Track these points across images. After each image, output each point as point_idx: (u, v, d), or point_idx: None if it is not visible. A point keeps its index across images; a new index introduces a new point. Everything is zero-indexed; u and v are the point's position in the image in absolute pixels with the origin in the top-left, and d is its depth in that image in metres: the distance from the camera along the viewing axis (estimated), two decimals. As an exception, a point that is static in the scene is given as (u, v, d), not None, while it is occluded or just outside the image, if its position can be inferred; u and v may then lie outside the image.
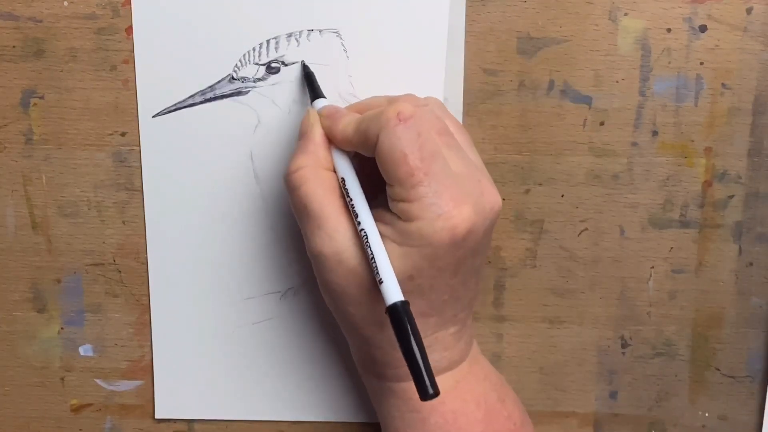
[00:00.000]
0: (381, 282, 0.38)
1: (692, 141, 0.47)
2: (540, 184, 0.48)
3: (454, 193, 0.39)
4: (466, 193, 0.39)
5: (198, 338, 0.50)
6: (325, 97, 0.44)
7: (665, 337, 0.49)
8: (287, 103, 0.47)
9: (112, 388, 0.51)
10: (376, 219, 0.40)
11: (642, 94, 0.46)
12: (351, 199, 0.40)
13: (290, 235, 0.48)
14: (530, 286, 0.49)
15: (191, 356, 0.50)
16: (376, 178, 0.40)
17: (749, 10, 0.45)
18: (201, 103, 0.47)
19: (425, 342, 0.38)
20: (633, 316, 0.49)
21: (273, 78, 0.46)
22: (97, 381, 0.51)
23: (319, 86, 0.45)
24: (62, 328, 0.50)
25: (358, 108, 0.43)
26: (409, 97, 0.43)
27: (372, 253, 0.39)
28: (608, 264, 0.49)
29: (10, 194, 0.49)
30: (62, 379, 0.51)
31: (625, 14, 0.46)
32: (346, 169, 0.41)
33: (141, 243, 0.49)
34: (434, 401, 0.38)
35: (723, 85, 0.46)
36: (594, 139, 0.47)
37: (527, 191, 0.48)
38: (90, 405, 0.51)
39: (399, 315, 0.37)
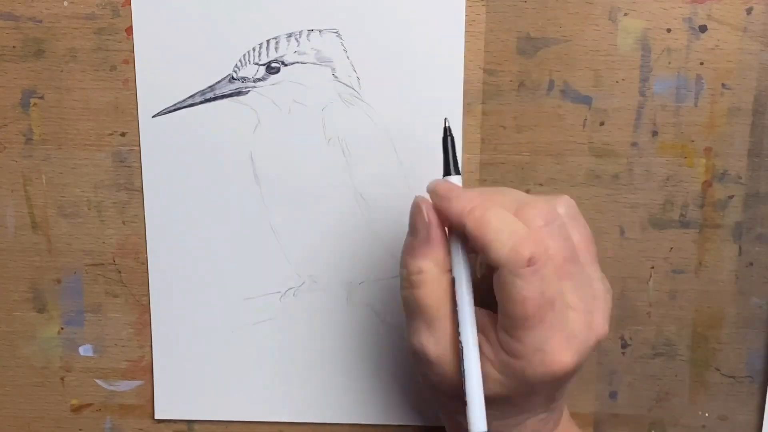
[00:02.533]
0: (466, 404, 0.39)
1: (692, 141, 0.47)
2: (540, 184, 0.48)
3: (562, 340, 0.38)
4: (574, 335, 0.39)
5: (198, 338, 0.50)
6: (460, 174, 0.41)
7: (665, 337, 0.49)
8: (287, 103, 0.47)
9: (112, 388, 0.51)
10: (482, 330, 0.40)
11: (642, 94, 0.46)
12: (461, 315, 0.40)
13: (290, 235, 0.48)
14: (530, 286, 0.49)
15: (191, 356, 0.50)
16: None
17: (749, 10, 0.45)
18: (201, 103, 0.47)
19: (514, 421, 0.41)
20: (633, 316, 0.49)
21: (273, 78, 0.46)
22: (97, 381, 0.51)
23: (456, 162, 0.41)
24: (62, 328, 0.50)
25: (482, 197, 0.40)
26: (535, 214, 0.39)
27: (464, 372, 0.39)
28: (608, 264, 0.48)
29: (10, 194, 0.49)
30: (62, 379, 0.51)
31: (625, 14, 0.45)
32: (461, 276, 0.40)
33: (141, 243, 0.49)
34: None
35: (723, 85, 0.46)
36: (594, 139, 0.47)
37: (527, 191, 0.48)
38: (90, 405, 0.51)
39: None
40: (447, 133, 0.41)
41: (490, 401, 0.39)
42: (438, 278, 0.40)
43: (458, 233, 0.40)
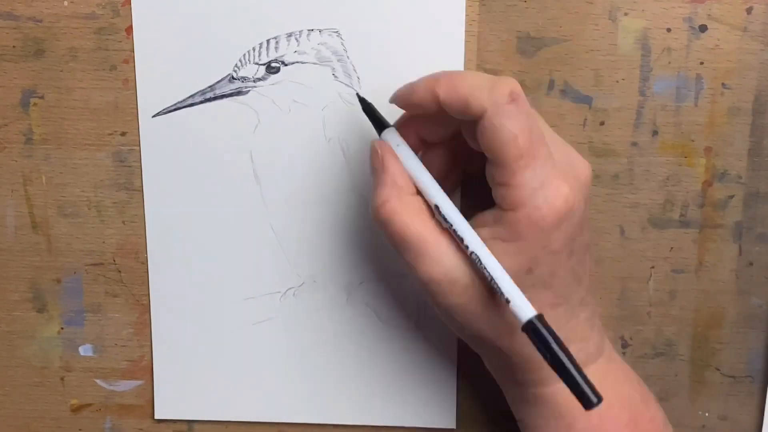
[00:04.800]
0: (509, 301, 0.37)
1: (692, 141, 0.47)
2: (540, 184, 0.48)
3: (553, 174, 0.38)
4: (562, 171, 0.38)
5: (198, 338, 0.50)
6: (391, 126, 0.43)
7: (665, 337, 0.49)
8: (287, 103, 0.47)
9: (112, 388, 0.51)
10: (476, 225, 0.39)
11: (642, 94, 0.46)
12: (451, 225, 0.39)
13: (290, 235, 0.48)
14: (530, 286, 0.49)
15: (191, 356, 0.50)
16: (454, 173, 0.40)
17: (749, 10, 0.45)
18: (201, 103, 0.47)
19: (561, 335, 0.37)
20: (633, 316, 0.49)
21: (273, 78, 0.46)
22: (97, 381, 0.51)
23: (382, 116, 0.43)
24: (62, 328, 0.50)
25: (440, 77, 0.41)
26: (508, 78, 0.40)
27: (489, 274, 0.38)
28: (608, 264, 0.49)
29: (10, 194, 0.49)
30: (62, 379, 0.51)
31: (625, 14, 0.46)
32: (437, 193, 0.40)
33: (141, 243, 0.49)
34: (576, 403, 0.37)
35: (723, 85, 0.46)
36: (594, 139, 0.47)
37: (527, 191, 0.48)
38: (90, 405, 0.51)
39: (535, 329, 0.36)
40: (364, 103, 0.43)
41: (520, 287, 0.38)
42: (405, 202, 0.40)
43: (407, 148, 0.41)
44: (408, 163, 0.41)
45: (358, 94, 0.44)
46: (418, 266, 0.39)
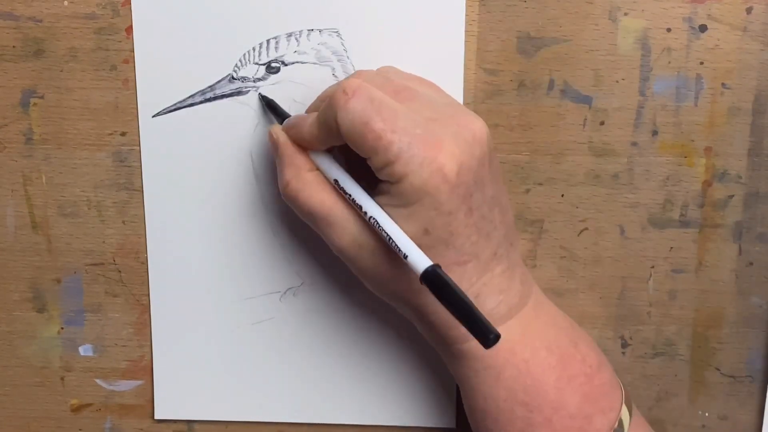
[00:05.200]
0: (406, 257, 0.39)
1: (692, 141, 0.47)
2: (540, 184, 0.48)
3: (429, 138, 0.39)
4: (440, 133, 0.39)
5: (198, 338, 0.50)
6: (290, 115, 0.45)
7: (665, 337, 0.49)
8: (287, 103, 0.47)
9: (112, 388, 0.51)
10: (374, 194, 0.41)
11: (642, 94, 0.46)
12: (350, 195, 0.41)
13: (290, 235, 0.48)
14: (530, 286, 0.49)
15: (191, 356, 0.50)
16: (364, 170, 0.41)
17: (749, 10, 0.45)
18: (201, 103, 0.47)
19: (473, 291, 0.40)
20: (633, 316, 0.49)
21: (273, 78, 0.46)
22: (97, 381, 0.51)
23: (282, 109, 0.46)
24: (62, 328, 0.50)
25: (315, 106, 0.44)
26: (357, 72, 0.44)
27: (387, 234, 0.39)
28: (608, 264, 0.49)
29: (10, 194, 0.49)
30: (62, 379, 0.51)
31: (625, 14, 0.46)
32: (333, 169, 0.42)
33: (141, 243, 0.49)
34: (505, 353, 0.39)
35: (723, 85, 0.46)
36: (594, 139, 0.47)
37: (527, 191, 0.48)
38: (90, 405, 0.51)
39: (432, 279, 0.38)
40: (264, 99, 0.46)
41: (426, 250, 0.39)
42: (304, 179, 0.42)
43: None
44: (316, 157, 0.43)
45: (259, 93, 0.46)
46: (328, 236, 0.42)
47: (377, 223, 0.40)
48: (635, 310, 0.49)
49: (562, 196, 0.48)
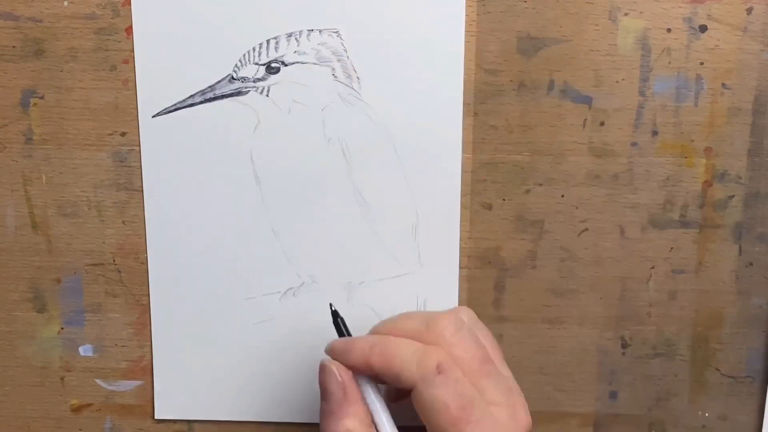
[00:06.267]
0: None
1: (692, 141, 0.47)
2: (540, 184, 0.48)
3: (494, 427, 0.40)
4: (501, 427, 0.40)
5: (198, 338, 0.50)
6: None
7: (665, 337, 0.49)
8: (287, 103, 0.47)
9: (112, 388, 0.51)
10: None
11: (642, 94, 0.46)
12: None
13: (290, 235, 0.48)
14: (530, 286, 0.49)
15: (191, 356, 0.50)
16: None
17: (749, 10, 0.45)
18: (201, 103, 0.47)
19: None
20: (633, 316, 0.49)
21: (273, 78, 0.46)
22: (97, 381, 0.51)
23: (347, 331, 0.45)
24: (62, 328, 0.50)
25: (382, 329, 0.43)
26: (446, 324, 0.42)
27: None
28: (608, 264, 0.49)
29: (10, 194, 0.49)
30: (62, 379, 0.51)
31: (625, 14, 0.46)
32: (381, 416, 0.42)
33: (141, 243, 0.49)
34: None
35: (723, 85, 0.46)
36: (594, 139, 0.47)
37: (527, 191, 0.48)
38: (90, 405, 0.51)
39: None
40: (336, 315, 0.45)
41: None
42: None
43: (368, 378, 0.42)
44: (369, 397, 0.42)
45: (331, 305, 0.45)
46: None
47: None
48: (635, 311, 0.49)
49: (563, 196, 0.48)
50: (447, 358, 0.40)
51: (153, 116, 0.47)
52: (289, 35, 0.46)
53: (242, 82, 0.46)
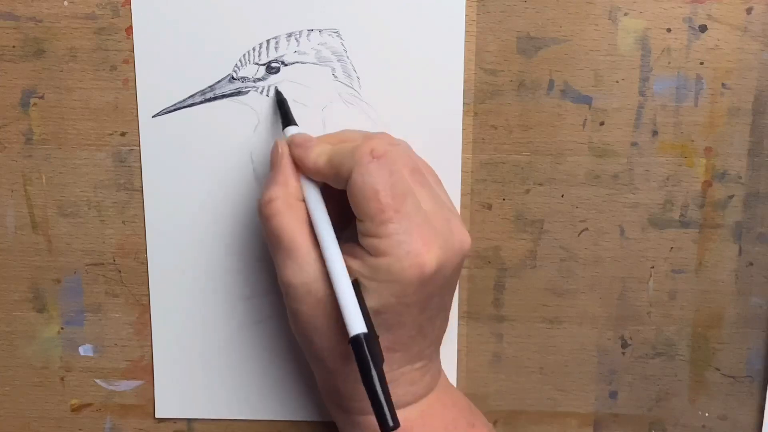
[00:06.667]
0: (345, 315, 0.39)
1: (692, 141, 0.47)
2: (540, 184, 0.48)
3: (423, 232, 0.40)
4: (435, 232, 0.40)
5: (198, 338, 0.50)
6: (296, 125, 0.45)
7: (665, 337, 0.49)
8: (287, 103, 0.47)
9: (112, 388, 0.51)
10: (346, 253, 0.41)
11: (642, 94, 0.46)
12: (322, 241, 0.41)
13: (290, 235, 0.48)
14: (530, 286, 0.49)
15: (191, 356, 0.50)
16: (347, 210, 0.41)
17: (749, 10, 0.45)
18: (201, 103, 0.47)
19: (390, 376, 0.39)
20: (633, 316, 0.49)
21: (273, 78, 0.46)
22: (97, 381, 0.51)
23: (291, 114, 0.45)
24: (62, 328, 0.50)
25: (330, 139, 0.44)
26: (383, 135, 0.43)
27: (336, 286, 0.39)
28: (608, 264, 0.49)
29: (10, 194, 0.49)
30: (62, 379, 0.51)
31: (625, 14, 0.45)
32: (315, 203, 0.42)
33: (141, 243, 0.49)
34: None
35: (723, 85, 0.46)
36: (594, 139, 0.47)
37: (527, 191, 0.48)
38: (90, 405, 0.51)
39: (361, 346, 0.38)
40: (278, 96, 0.46)
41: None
42: (290, 205, 0.42)
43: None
44: (309, 195, 0.42)
45: (276, 88, 0.46)
46: (282, 268, 0.42)
47: (332, 271, 0.40)
48: (635, 311, 0.49)
49: (562, 196, 0.48)
50: (384, 147, 0.40)
51: (153, 116, 0.47)
52: (289, 35, 0.46)
53: (242, 82, 0.46)
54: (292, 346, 0.50)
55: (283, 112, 0.46)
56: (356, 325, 0.38)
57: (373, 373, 0.37)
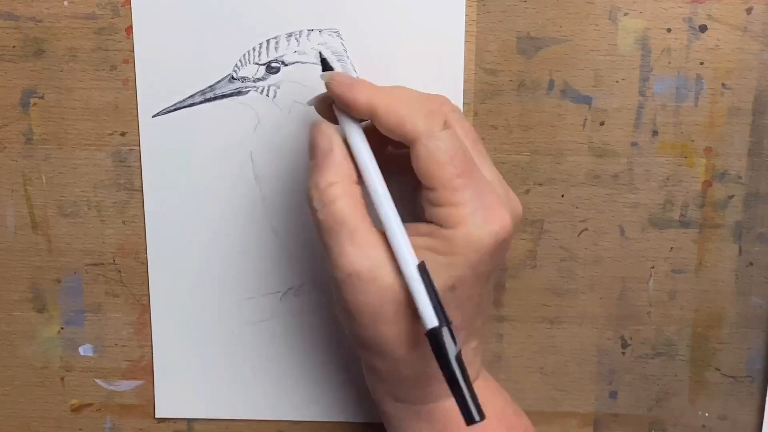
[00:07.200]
0: (419, 306, 0.37)
1: (692, 141, 0.47)
2: (540, 184, 0.48)
3: (494, 199, 0.39)
4: (501, 198, 0.39)
5: (198, 338, 0.50)
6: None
7: (665, 337, 0.49)
8: (287, 103, 0.47)
9: (112, 388, 0.51)
10: (410, 233, 0.39)
11: (642, 94, 0.46)
12: (386, 224, 0.39)
13: (290, 235, 0.48)
14: (530, 286, 0.49)
15: (191, 356, 0.50)
16: (400, 188, 0.40)
17: (749, 10, 0.45)
18: (201, 103, 0.47)
19: None
20: (633, 316, 0.49)
21: (273, 78, 0.46)
22: (97, 381, 0.51)
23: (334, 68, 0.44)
24: (62, 328, 0.50)
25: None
26: (445, 101, 0.42)
27: (405, 271, 0.38)
28: (608, 264, 0.49)
29: (10, 194, 0.49)
30: (62, 379, 0.51)
31: (625, 14, 0.46)
32: (379, 188, 0.39)
33: (141, 243, 0.49)
34: (458, 421, 0.37)
35: (723, 85, 0.46)
36: (594, 139, 0.47)
37: (527, 191, 0.48)
38: (90, 405, 0.51)
39: (440, 338, 0.36)
40: (320, 55, 0.45)
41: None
42: (350, 189, 0.39)
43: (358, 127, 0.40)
44: (359, 152, 0.40)
45: (320, 52, 0.45)
46: (344, 255, 0.39)
47: (402, 258, 0.38)
48: (635, 310, 0.49)
49: (562, 196, 0.48)
50: (455, 117, 0.39)
51: (153, 116, 0.47)
52: (289, 35, 0.46)
53: (242, 82, 0.46)
54: (292, 347, 0.50)
55: (325, 64, 0.43)
56: (432, 316, 0.37)
57: (454, 365, 0.36)
